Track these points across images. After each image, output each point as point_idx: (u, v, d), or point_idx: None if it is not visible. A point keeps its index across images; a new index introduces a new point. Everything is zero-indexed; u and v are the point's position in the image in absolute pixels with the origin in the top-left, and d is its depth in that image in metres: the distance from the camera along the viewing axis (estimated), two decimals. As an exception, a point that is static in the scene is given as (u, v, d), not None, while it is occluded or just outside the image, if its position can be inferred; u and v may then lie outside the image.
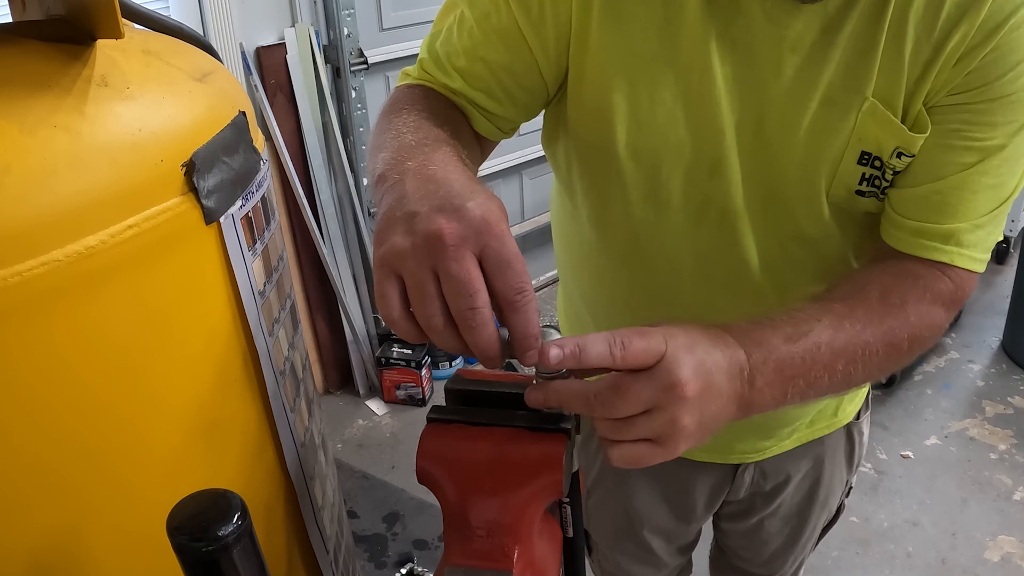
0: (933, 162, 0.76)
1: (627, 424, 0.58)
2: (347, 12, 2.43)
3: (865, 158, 0.78)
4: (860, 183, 0.79)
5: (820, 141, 0.78)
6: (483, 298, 0.53)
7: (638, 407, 0.57)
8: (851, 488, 1.23)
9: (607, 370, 0.59)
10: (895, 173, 0.79)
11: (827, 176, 0.80)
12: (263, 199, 0.87)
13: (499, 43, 0.82)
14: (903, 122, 0.76)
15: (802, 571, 1.37)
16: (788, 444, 1.08)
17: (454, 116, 0.83)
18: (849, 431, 1.14)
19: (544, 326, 0.62)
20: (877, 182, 0.79)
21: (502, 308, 0.54)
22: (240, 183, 0.80)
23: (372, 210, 2.65)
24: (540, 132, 1.04)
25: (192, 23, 2.16)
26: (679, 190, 0.84)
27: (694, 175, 0.82)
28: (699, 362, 0.59)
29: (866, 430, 1.17)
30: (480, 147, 0.88)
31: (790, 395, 0.66)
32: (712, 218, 0.85)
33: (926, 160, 0.77)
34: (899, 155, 0.77)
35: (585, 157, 0.90)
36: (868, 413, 1.17)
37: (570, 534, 0.72)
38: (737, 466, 1.11)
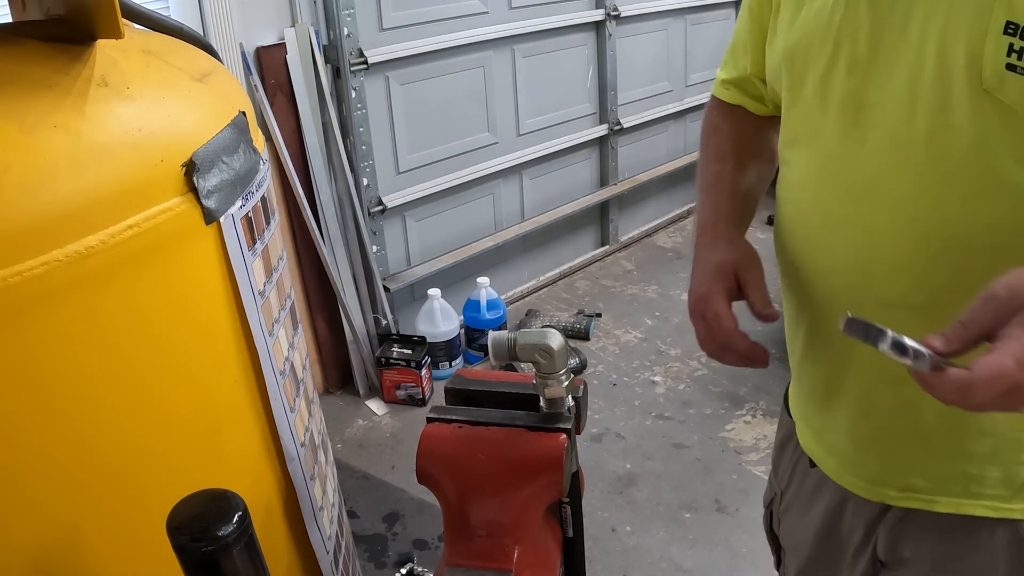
0: None
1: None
2: (347, 12, 2.43)
3: (1011, 28, 0.66)
4: (1008, 54, 0.66)
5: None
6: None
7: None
8: None
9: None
10: None
11: (967, 46, 0.68)
12: (263, 199, 0.87)
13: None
14: None
15: None
16: (971, 505, 0.81)
17: (744, 138, 0.98)
18: None
19: (544, 326, 0.62)
20: None
21: None
22: (240, 183, 0.80)
23: (372, 211, 2.66)
24: (539, 132, 1.07)
25: (192, 23, 2.16)
26: (819, 88, 0.79)
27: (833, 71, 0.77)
28: None
29: None
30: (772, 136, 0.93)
31: None
32: (850, 115, 0.77)
33: None
34: None
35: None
36: None
37: (570, 534, 0.72)
38: (885, 509, 0.87)
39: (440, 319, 2.78)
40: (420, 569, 2.01)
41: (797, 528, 1.00)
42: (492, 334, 0.62)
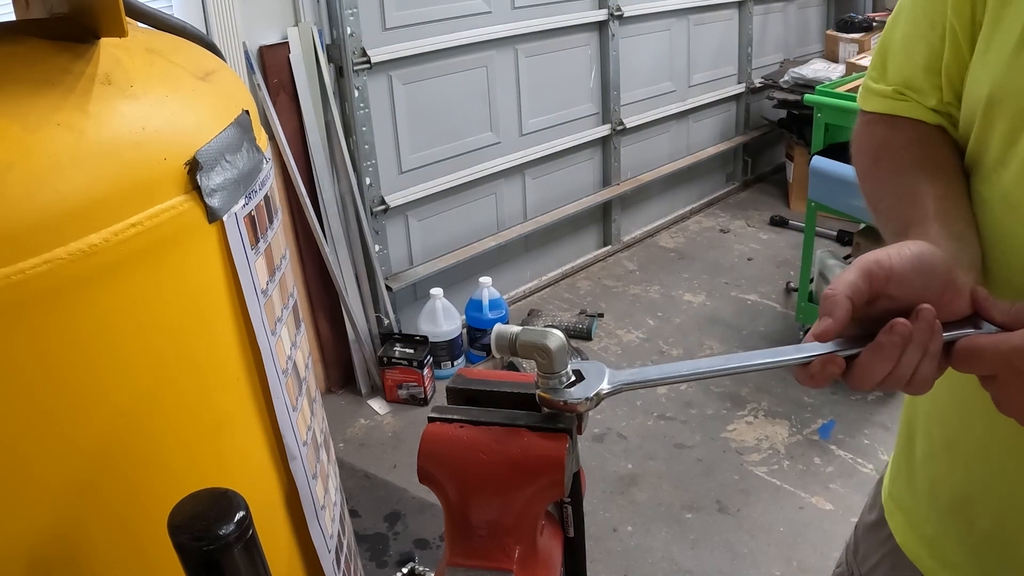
0: None
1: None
2: (350, 11, 2.43)
3: None
4: None
5: None
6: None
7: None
8: None
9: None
10: None
11: None
12: (266, 198, 0.87)
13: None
14: None
15: None
16: None
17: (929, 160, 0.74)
18: None
19: (546, 326, 0.62)
20: None
21: None
22: (243, 182, 0.80)
23: (374, 210, 2.66)
24: (542, 132, 1.03)
25: (195, 22, 2.16)
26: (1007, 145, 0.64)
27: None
28: None
29: None
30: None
31: None
32: None
33: None
34: None
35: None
36: None
37: (571, 534, 0.72)
38: None
39: (442, 318, 2.78)
40: (421, 568, 2.01)
41: None
42: (497, 326, 0.62)
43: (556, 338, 0.61)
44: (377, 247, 2.71)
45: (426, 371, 2.67)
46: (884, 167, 0.74)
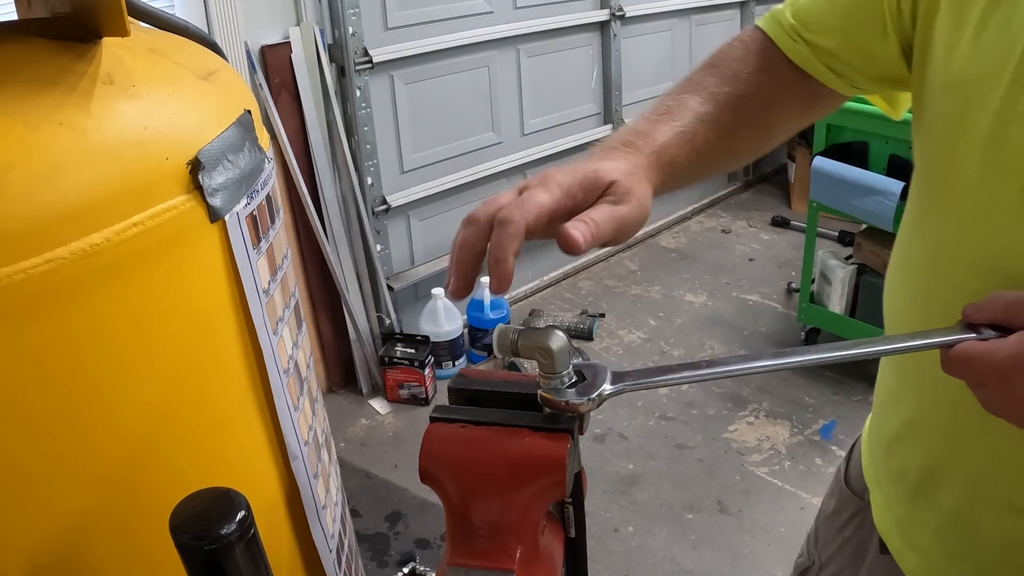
0: None
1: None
2: (352, 11, 2.43)
3: None
4: None
5: None
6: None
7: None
8: None
9: None
10: None
11: None
12: (268, 197, 0.87)
13: None
14: None
15: None
16: None
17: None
18: None
19: (548, 326, 0.62)
20: None
21: None
22: (245, 181, 0.80)
23: (376, 210, 2.66)
24: (543, 132, 1.02)
25: (197, 22, 2.16)
26: (981, 136, 0.60)
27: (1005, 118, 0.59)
28: None
29: None
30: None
31: None
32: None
33: None
34: None
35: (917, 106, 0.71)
36: None
37: (572, 534, 0.72)
38: None
39: (443, 318, 2.78)
40: (422, 568, 2.01)
41: None
42: (500, 326, 0.62)
43: (558, 338, 0.61)
44: (379, 247, 2.71)
45: (427, 371, 2.67)
46: (708, 71, 0.74)
